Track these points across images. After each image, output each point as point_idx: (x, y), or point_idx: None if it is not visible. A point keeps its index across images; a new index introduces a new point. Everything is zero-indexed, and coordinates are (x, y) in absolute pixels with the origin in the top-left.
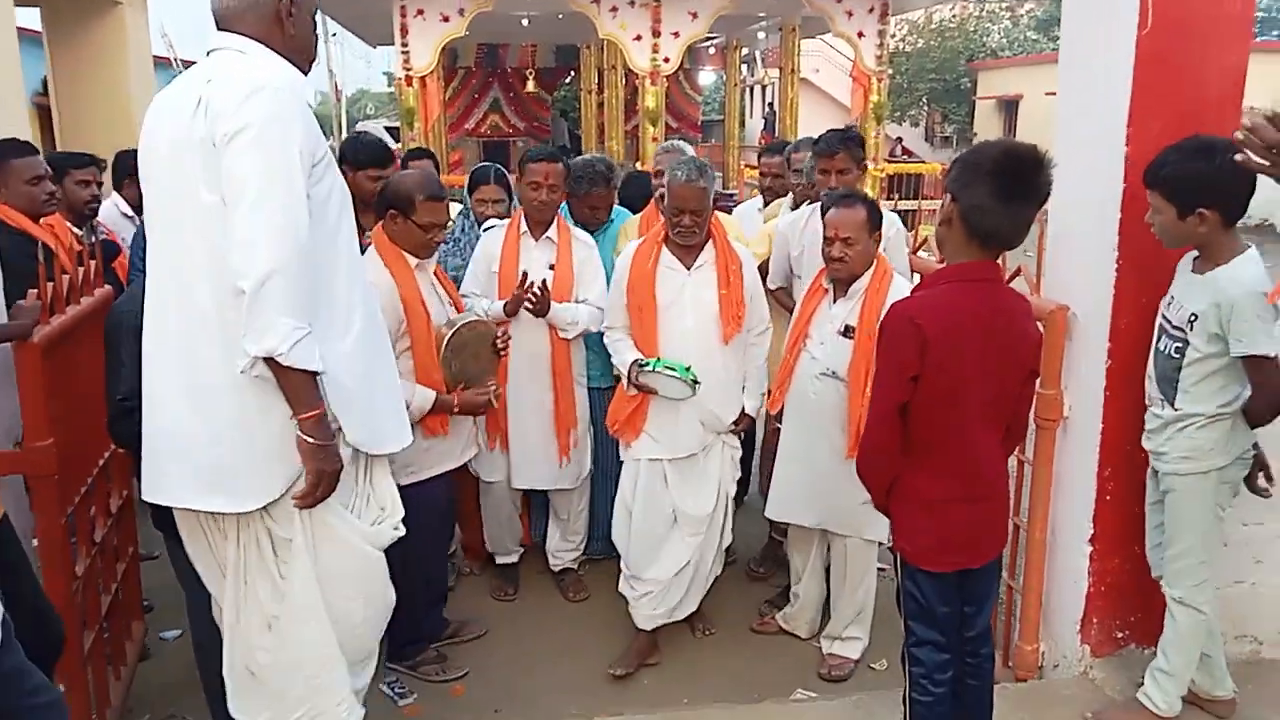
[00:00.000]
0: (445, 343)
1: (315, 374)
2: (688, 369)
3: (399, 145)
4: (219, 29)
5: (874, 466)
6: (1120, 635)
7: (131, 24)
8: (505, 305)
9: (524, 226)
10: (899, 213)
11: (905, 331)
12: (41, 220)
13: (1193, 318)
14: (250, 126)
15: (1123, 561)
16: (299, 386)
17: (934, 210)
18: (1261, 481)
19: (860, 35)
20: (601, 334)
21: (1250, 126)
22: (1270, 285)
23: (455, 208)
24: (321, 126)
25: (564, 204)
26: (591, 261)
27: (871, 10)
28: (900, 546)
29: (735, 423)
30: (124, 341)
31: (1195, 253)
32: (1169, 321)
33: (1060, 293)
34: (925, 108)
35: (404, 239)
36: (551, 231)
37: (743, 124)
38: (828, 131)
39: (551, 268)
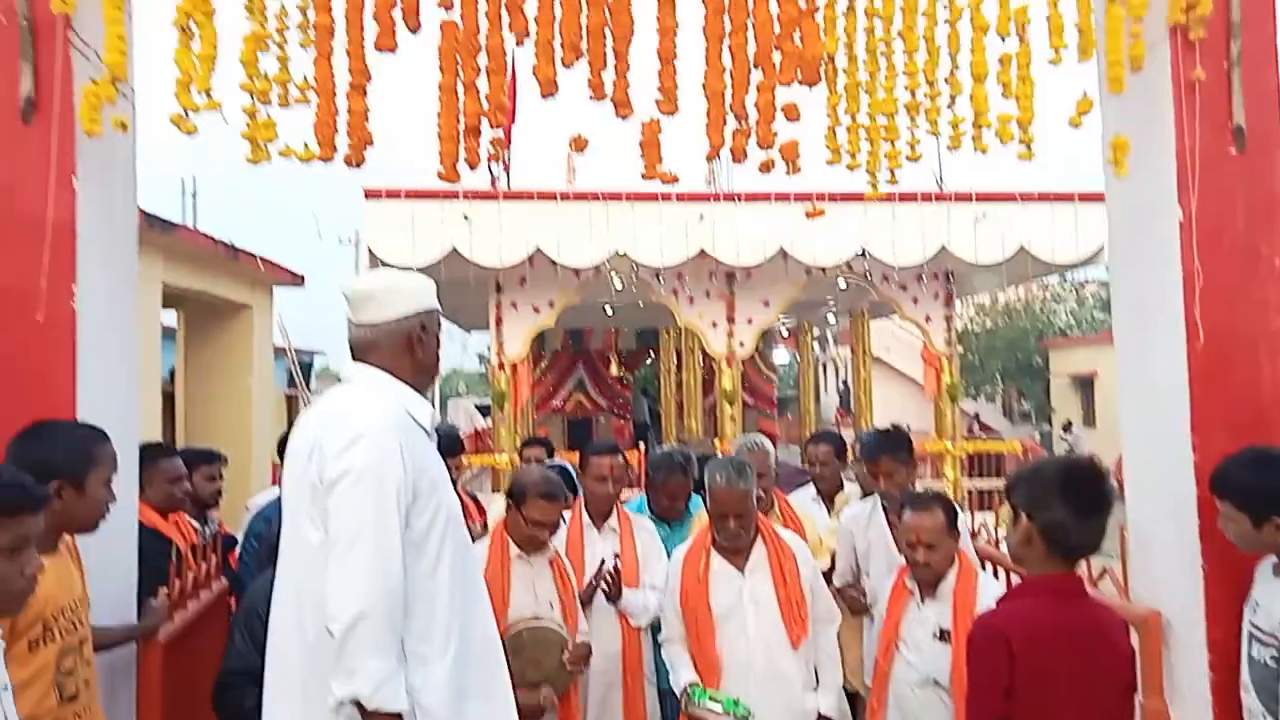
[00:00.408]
0: (510, 638)
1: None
2: (736, 702)
3: (488, 422)
4: (353, 358)
5: None
6: None
7: (258, 323)
8: (580, 594)
9: (586, 518)
10: (979, 492)
11: (994, 646)
12: (169, 516)
13: None
14: (349, 473)
15: None
16: None
17: None
18: None
19: (927, 320)
20: None
21: None
22: None
23: None
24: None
25: (645, 494)
26: (655, 546)
27: (936, 296)
28: None
29: None
30: (242, 625)
31: (1275, 557)
32: (1259, 629)
33: (1150, 596)
34: (1000, 384)
35: (513, 529)
36: (613, 520)
37: (818, 400)
38: (872, 433)
39: (617, 556)
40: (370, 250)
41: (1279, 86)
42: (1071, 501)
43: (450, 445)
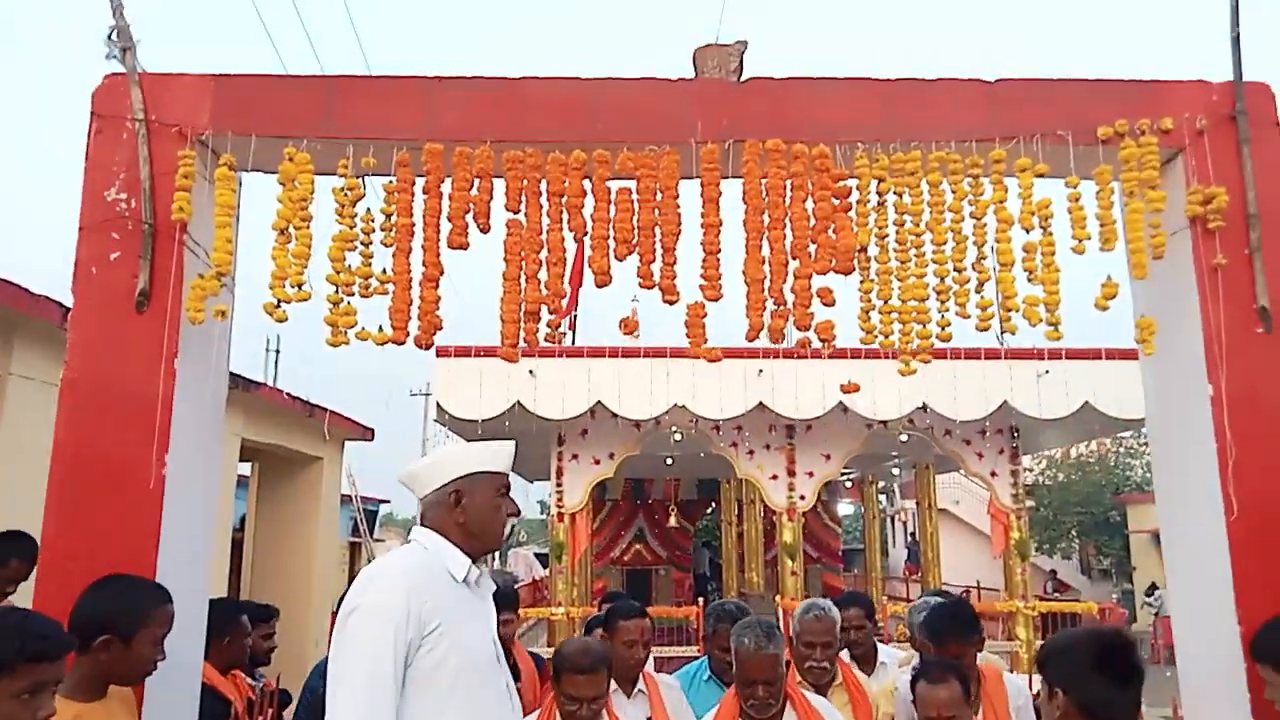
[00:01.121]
0: None
1: None
2: None
3: (546, 573)
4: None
5: None
6: None
7: (327, 474)
8: None
9: (613, 684)
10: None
11: None
12: (228, 673)
13: None
14: (356, 611)
15: None
16: None
17: None
18: None
19: (993, 475)
20: None
21: None
22: None
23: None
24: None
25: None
26: (682, 704)
27: (1002, 452)
28: None
29: None
30: None
31: None
32: None
33: None
34: (1075, 540)
35: (558, 703)
36: (640, 684)
37: (885, 553)
38: (937, 610)
39: None
40: (439, 404)
41: None
42: (1107, 674)
43: (504, 598)
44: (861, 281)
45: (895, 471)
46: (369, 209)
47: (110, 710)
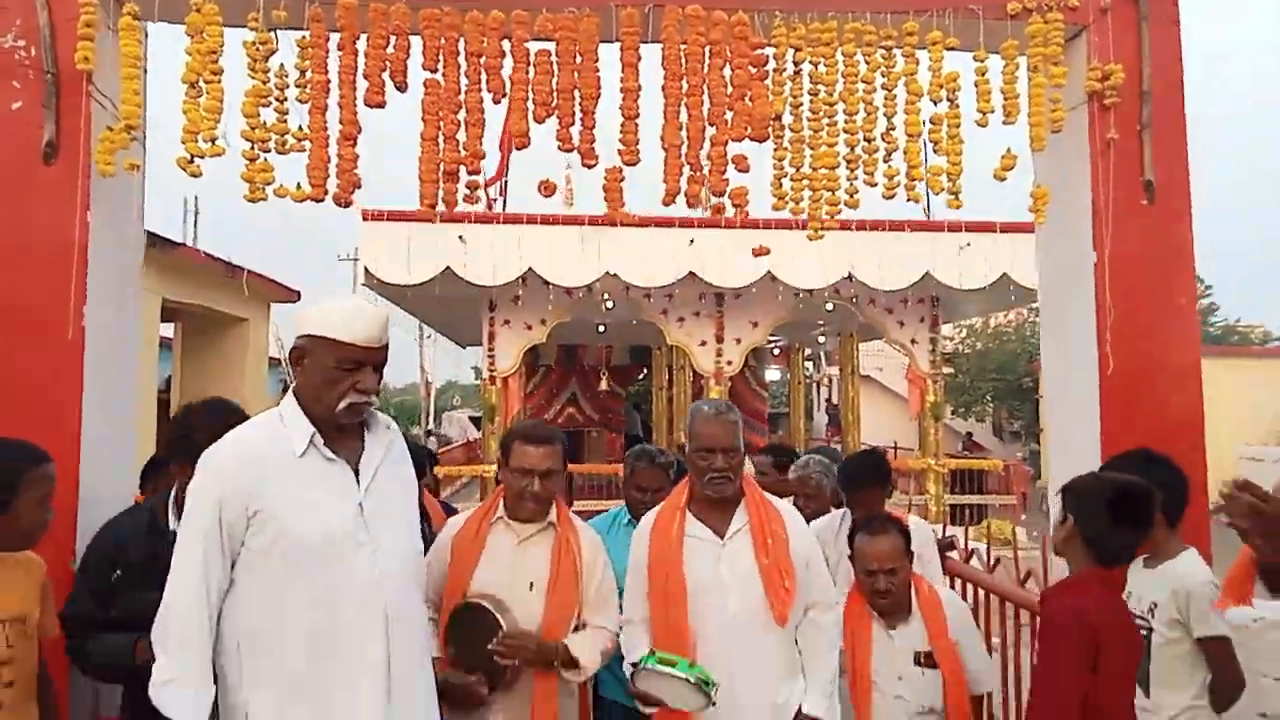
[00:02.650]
0: (450, 613)
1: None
2: (691, 665)
3: (479, 435)
4: None
5: None
6: None
7: (254, 336)
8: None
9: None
10: (960, 508)
11: (1080, 623)
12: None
13: (1153, 605)
14: (190, 494)
15: None
16: None
17: (1003, 505)
18: None
19: (913, 342)
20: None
21: (1225, 495)
22: (1212, 576)
23: None
24: (410, 416)
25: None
26: (599, 553)
27: (922, 320)
28: None
29: None
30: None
31: (1145, 554)
32: (1132, 615)
33: None
34: (990, 405)
35: (505, 489)
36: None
37: (810, 417)
38: (849, 460)
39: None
40: (367, 269)
41: (1185, 146)
42: (1114, 513)
43: (418, 466)
44: (775, 149)
45: (821, 339)
46: (283, 64)
47: (7, 580)
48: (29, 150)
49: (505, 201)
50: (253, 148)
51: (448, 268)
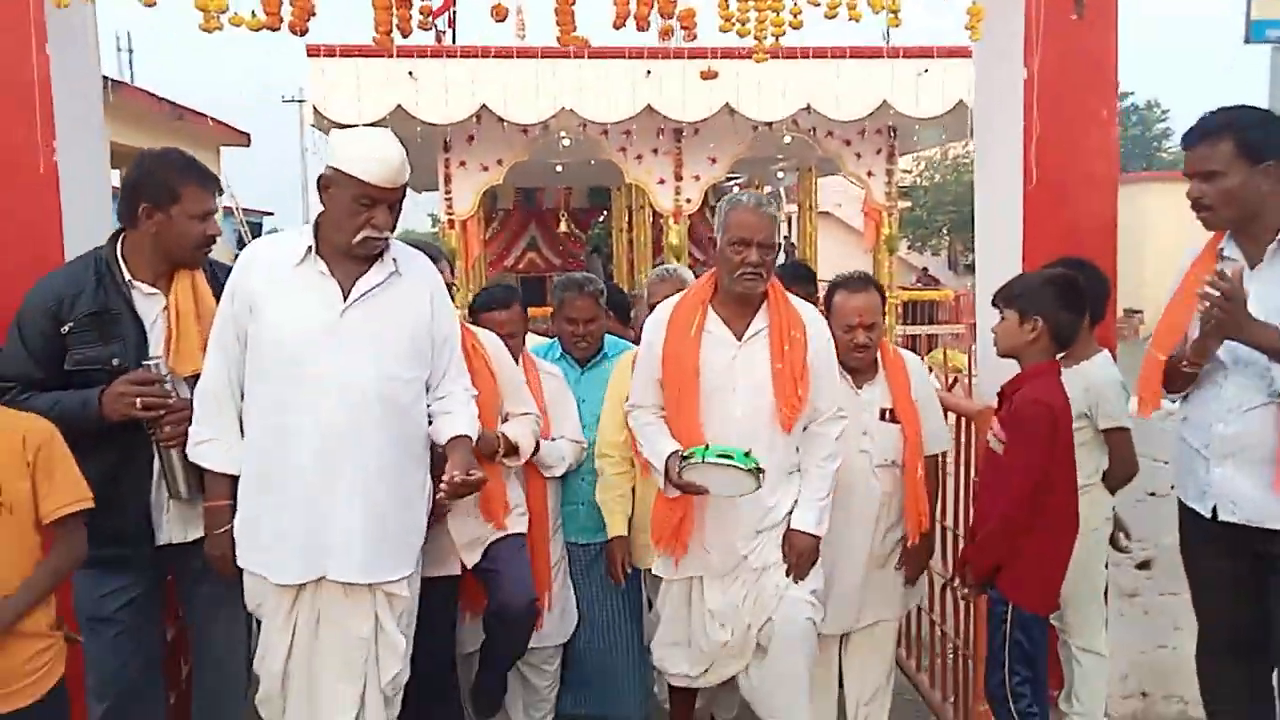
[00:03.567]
0: None
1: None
2: (747, 454)
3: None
4: None
5: (1002, 541)
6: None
7: None
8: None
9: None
10: (913, 338)
11: (1043, 414)
12: None
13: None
14: None
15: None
16: (207, 477)
17: (954, 336)
18: (1123, 540)
19: (870, 175)
20: (584, 483)
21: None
22: (1120, 376)
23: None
24: None
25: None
26: (564, 394)
27: (879, 151)
28: (1019, 601)
29: (787, 542)
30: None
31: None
32: None
33: (990, 395)
34: (946, 238)
35: None
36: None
37: None
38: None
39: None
40: (315, 108)
41: None
42: (1070, 304)
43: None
44: None
45: (780, 175)
46: None
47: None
48: None
49: (455, 34)
50: None
51: (399, 105)
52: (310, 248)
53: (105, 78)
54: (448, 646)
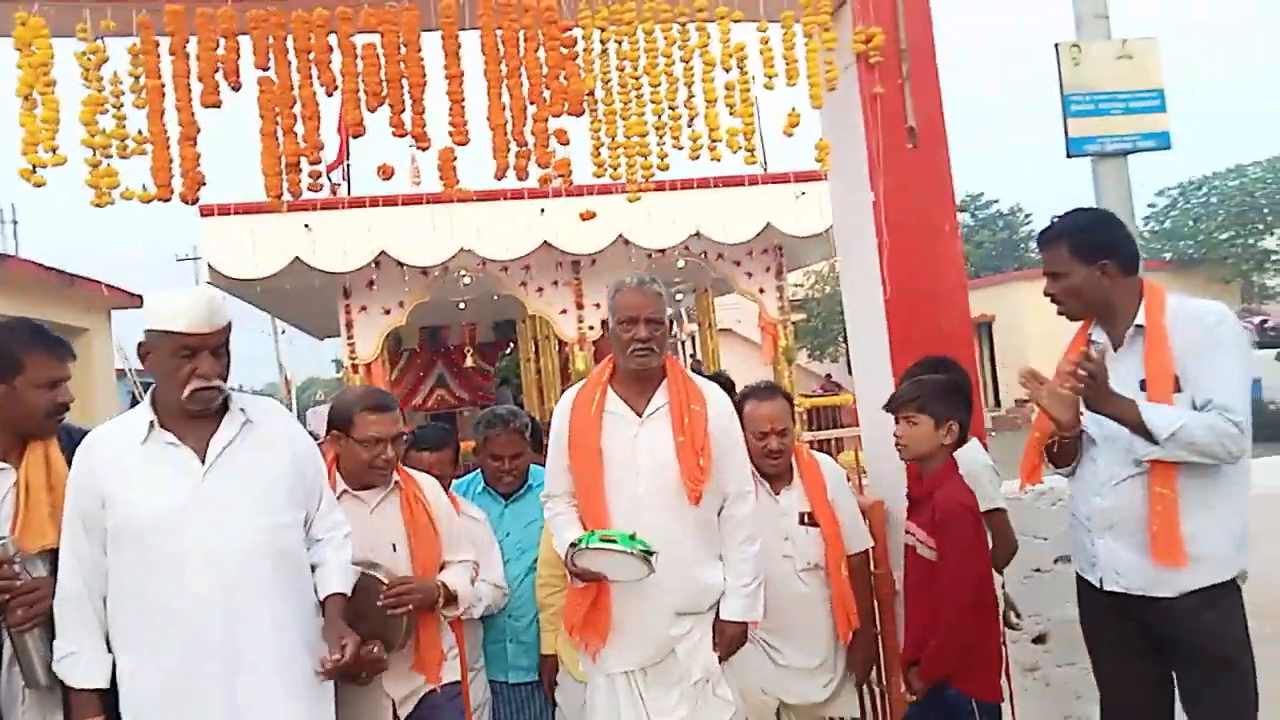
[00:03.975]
0: None
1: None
2: (632, 537)
3: None
4: None
5: (956, 645)
6: None
7: (98, 347)
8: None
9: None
10: (819, 442)
11: (974, 516)
12: None
13: None
14: None
15: None
16: (72, 694)
17: (855, 438)
18: (1012, 618)
19: (761, 291)
20: (510, 620)
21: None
22: (990, 460)
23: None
24: None
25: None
26: (488, 540)
27: (768, 269)
28: (981, 693)
29: (717, 631)
30: None
31: None
32: None
33: (876, 491)
34: (844, 344)
35: (346, 464)
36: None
37: None
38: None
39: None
40: (210, 265)
41: (940, 96)
42: (969, 404)
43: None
44: (591, 122)
45: (679, 297)
46: (115, 71)
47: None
48: None
49: (350, 186)
50: (95, 154)
51: (296, 258)
52: (152, 422)
53: None
54: None
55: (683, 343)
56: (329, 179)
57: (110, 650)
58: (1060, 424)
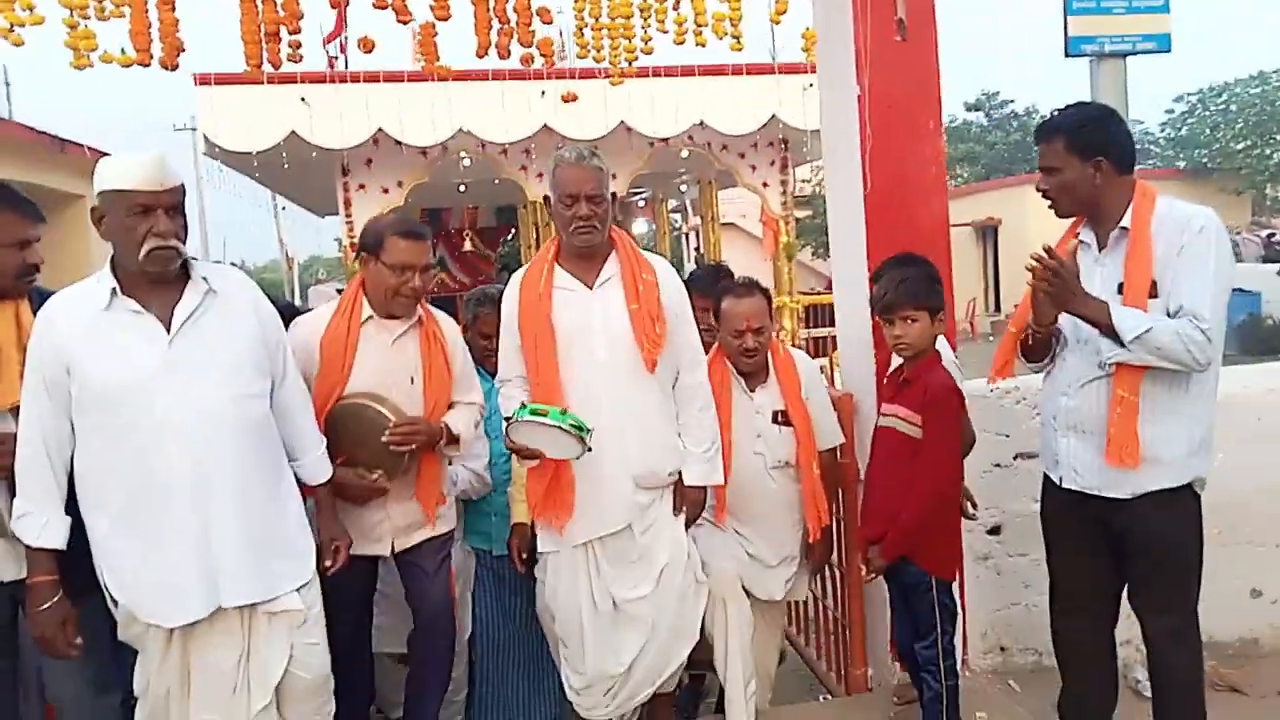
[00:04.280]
0: (327, 415)
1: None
2: (564, 412)
3: None
4: None
5: (931, 519)
6: None
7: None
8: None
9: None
10: (815, 339)
11: (957, 397)
12: None
13: None
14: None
15: None
16: (26, 552)
17: None
18: (969, 509)
19: (765, 185)
20: (506, 499)
21: (1037, 256)
22: (954, 356)
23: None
24: (275, 292)
25: None
26: (479, 435)
27: (773, 163)
28: (939, 571)
29: (677, 495)
30: None
31: None
32: None
33: (848, 384)
34: None
35: (373, 289)
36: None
37: (680, 267)
38: (698, 271)
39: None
40: (206, 137)
41: None
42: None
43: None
44: (575, 2)
45: (683, 189)
46: None
47: None
48: None
49: (347, 60)
50: (72, 14)
51: (293, 131)
52: (114, 289)
53: None
54: (364, 625)
55: (686, 235)
56: (325, 50)
57: (68, 513)
58: (1038, 316)
